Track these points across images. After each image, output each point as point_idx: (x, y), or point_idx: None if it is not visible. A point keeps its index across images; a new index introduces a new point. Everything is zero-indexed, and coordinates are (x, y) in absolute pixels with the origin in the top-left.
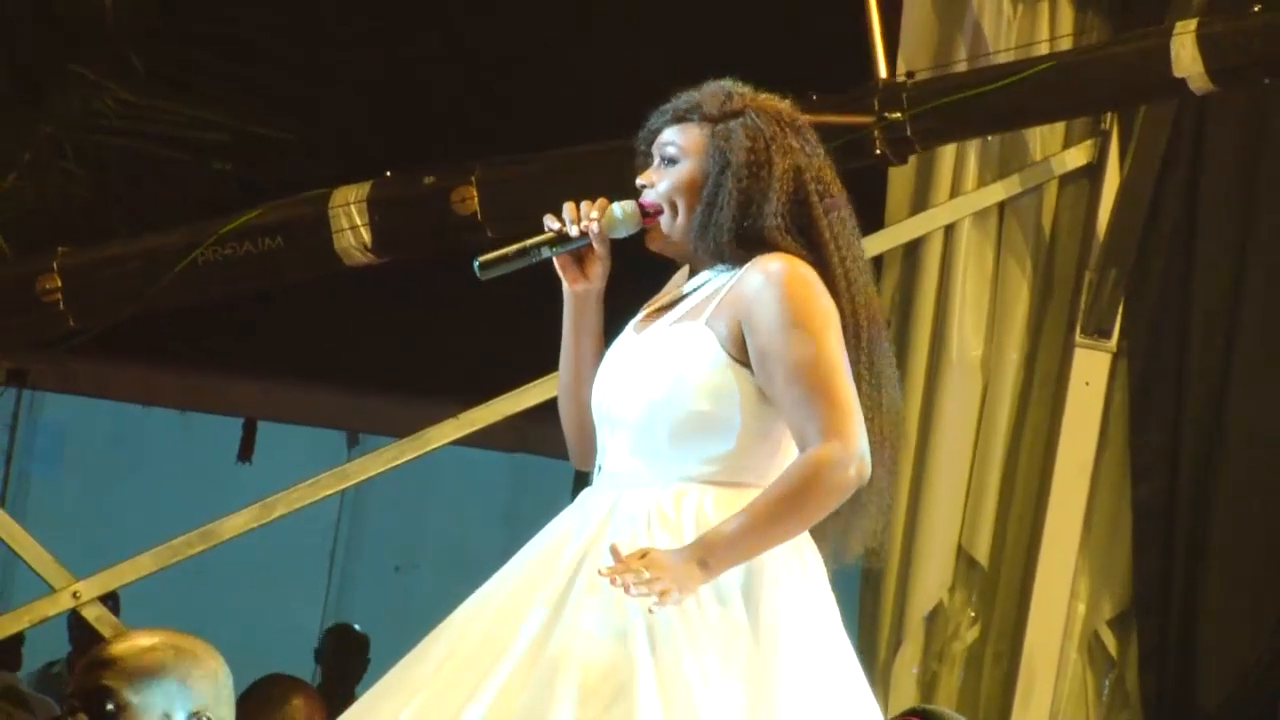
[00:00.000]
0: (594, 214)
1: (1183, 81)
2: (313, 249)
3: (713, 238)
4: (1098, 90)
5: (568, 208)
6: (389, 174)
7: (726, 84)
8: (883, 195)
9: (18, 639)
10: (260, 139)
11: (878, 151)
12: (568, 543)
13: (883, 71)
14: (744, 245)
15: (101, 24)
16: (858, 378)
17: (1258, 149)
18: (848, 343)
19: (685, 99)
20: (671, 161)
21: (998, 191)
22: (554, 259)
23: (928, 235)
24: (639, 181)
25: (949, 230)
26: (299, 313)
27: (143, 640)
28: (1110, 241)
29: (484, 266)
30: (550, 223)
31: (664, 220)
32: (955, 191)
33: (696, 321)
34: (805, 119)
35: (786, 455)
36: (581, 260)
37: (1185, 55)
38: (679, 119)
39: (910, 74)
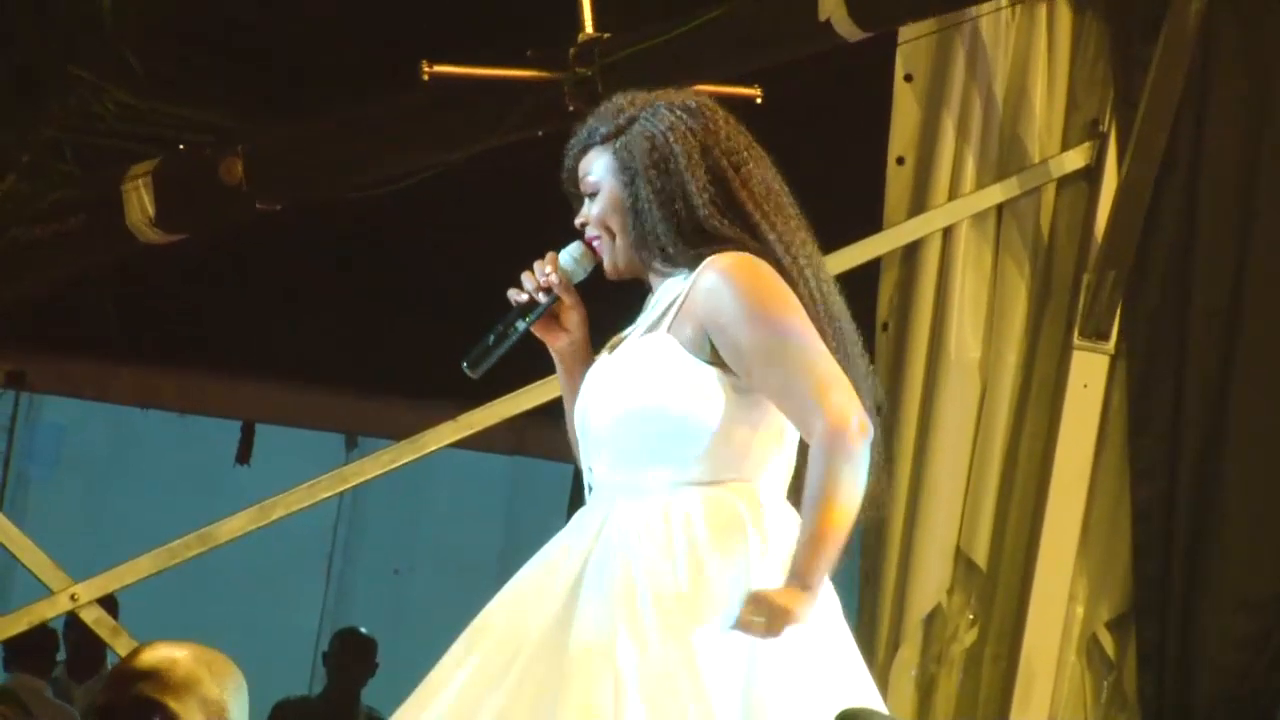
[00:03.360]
0: (548, 269)
1: (828, 24)
2: (109, 227)
3: (653, 245)
4: (760, 37)
5: (525, 277)
6: (181, 147)
7: (620, 98)
8: (881, 198)
9: (48, 645)
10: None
11: (571, 108)
12: (563, 563)
13: (588, 27)
14: (689, 243)
15: (100, 26)
16: (823, 337)
17: (1257, 150)
18: (804, 306)
19: (584, 128)
20: (593, 193)
21: (996, 194)
22: (532, 328)
23: (926, 237)
24: (577, 223)
25: (947, 233)
26: (297, 315)
27: (175, 652)
28: (1109, 244)
29: (472, 365)
30: (515, 295)
31: (604, 248)
32: (953, 194)
33: (659, 331)
34: (700, 97)
35: (761, 446)
36: (556, 318)
37: None
38: (585, 149)
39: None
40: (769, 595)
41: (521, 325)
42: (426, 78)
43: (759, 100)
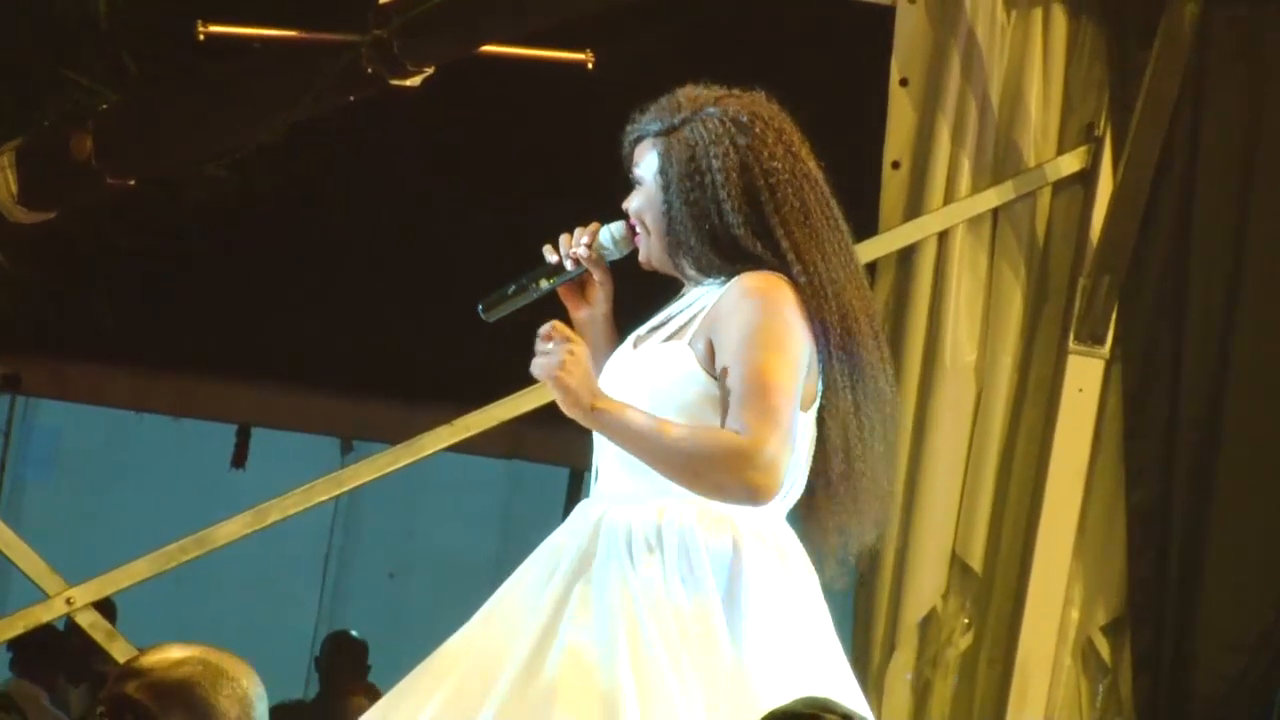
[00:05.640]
0: (584, 239)
1: None
2: None
3: (685, 254)
4: None
5: (563, 239)
6: (46, 124)
7: (684, 91)
8: (876, 202)
9: (57, 653)
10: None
11: (370, 71)
12: (559, 562)
13: None
14: (725, 257)
15: (95, 27)
16: (831, 377)
17: (1253, 154)
18: (817, 341)
19: (644, 116)
20: (638, 183)
21: (991, 198)
22: (556, 289)
23: (921, 241)
24: (624, 206)
25: (943, 237)
26: (293, 318)
27: (174, 653)
28: (1104, 248)
29: (487, 309)
30: (549, 255)
31: (639, 241)
32: (949, 198)
33: (681, 341)
34: (768, 110)
35: None
36: (583, 286)
37: None
38: (638, 139)
39: None
40: (575, 371)
41: (544, 285)
42: (201, 38)
43: (590, 66)
